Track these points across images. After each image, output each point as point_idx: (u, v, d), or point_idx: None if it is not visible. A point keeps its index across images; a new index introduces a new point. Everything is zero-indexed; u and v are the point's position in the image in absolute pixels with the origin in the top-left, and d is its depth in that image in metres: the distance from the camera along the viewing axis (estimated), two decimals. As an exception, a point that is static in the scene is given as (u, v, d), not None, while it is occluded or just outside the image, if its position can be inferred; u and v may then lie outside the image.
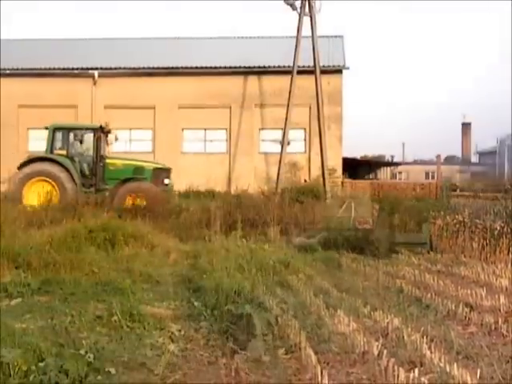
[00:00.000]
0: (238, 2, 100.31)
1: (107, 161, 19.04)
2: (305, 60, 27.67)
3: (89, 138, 19.07)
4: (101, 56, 33.32)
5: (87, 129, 19.54)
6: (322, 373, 4.13)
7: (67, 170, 18.04)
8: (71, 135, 19.08)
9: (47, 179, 17.90)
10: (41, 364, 4.31)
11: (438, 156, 30.50)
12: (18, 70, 31.81)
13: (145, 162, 20.35)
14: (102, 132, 19.20)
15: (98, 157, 18.77)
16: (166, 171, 19.76)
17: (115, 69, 31.68)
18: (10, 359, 4.21)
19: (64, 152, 18.82)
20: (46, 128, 19.44)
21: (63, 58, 33.23)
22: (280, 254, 9.38)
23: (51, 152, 18.81)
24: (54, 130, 19.15)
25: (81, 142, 18.99)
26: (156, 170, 19.44)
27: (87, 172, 18.83)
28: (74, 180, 17.95)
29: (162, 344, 5.36)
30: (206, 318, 6.11)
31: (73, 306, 6.74)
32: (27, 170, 18.21)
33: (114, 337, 5.57)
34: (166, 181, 19.15)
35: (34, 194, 17.48)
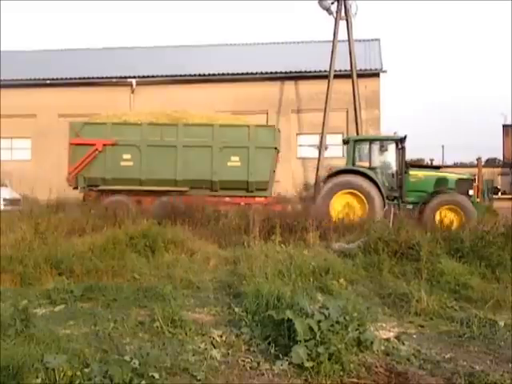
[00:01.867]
0: (271, 7, 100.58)
1: (409, 172, 17.79)
2: (341, 64, 27.57)
3: (390, 149, 18.00)
4: (138, 64, 33.71)
5: (389, 140, 18.38)
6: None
7: (373, 182, 17.20)
8: (373, 147, 18.12)
9: (355, 191, 17.10)
10: (86, 370, 4.36)
11: (479, 159, 29.90)
12: (57, 79, 32.40)
13: (446, 172, 19.38)
14: (403, 142, 17.91)
15: (402, 168, 17.62)
16: (469, 181, 18.15)
17: (153, 77, 32.03)
18: (56, 365, 4.27)
19: (366, 164, 17.92)
20: (345, 141, 18.87)
21: (102, 67, 33.77)
22: (320, 259, 9.32)
23: (353, 164, 17.97)
24: (355, 141, 18.34)
25: (383, 154, 18.08)
26: (460, 180, 17.93)
27: (390, 184, 17.71)
28: (381, 193, 17.06)
29: (204, 350, 5.39)
30: (247, 324, 6.11)
31: (115, 312, 6.83)
32: (334, 181, 17.42)
33: (157, 342, 5.61)
34: (471, 192, 17.66)
35: (341, 206, 16.96)
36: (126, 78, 32.07)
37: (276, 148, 19.03)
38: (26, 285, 8.39)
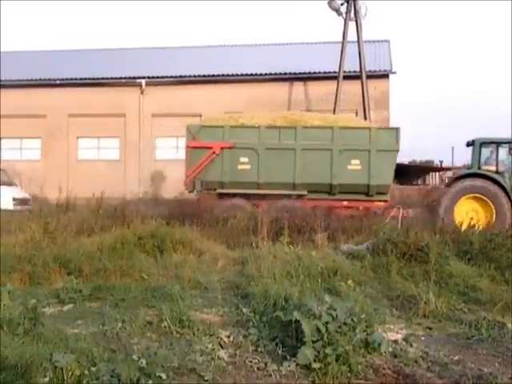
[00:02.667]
0: (280, 7, 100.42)
1: None
2: (351, 65, 27.53)
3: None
4: (148, 65, 33.78)
5: None
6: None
7: (501, 187, 16.49)
8: (501, 150, 17.32)
9: (481, 196, 16.47)
10: (93, 369, 4.37)
11: (488, 160, 29.78)
12: (67, 79, 32.52)
13: None
14: None
15: None
16: None
17: (162, 77, 32.08)
18: (64, 364, 4.28)
19: (493, 168, 17.10)
20: (469, 144, 17.90)
21: (111, 68, 33.88)
22: (328, 260, 9.31)
23: (479, 168, 17.19)
24: (481, 144, 17.45)
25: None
26: None
27: None
28: (509, 198, 16.36)
29: (212, 350, 5.39)
30: (255, 325, 6.11)
31: (123, 311, 6.85)
32: (459, 185, 16.85)
33: (164, 342, 5.63)
34: None
35: (464, 212, 16.40)
36: (135, 78, 32.13)
37: (398, 150, 18.42)
38: (35, 284, 8.43)
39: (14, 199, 21.73)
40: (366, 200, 18.19)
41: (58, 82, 32.41)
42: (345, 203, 17.95)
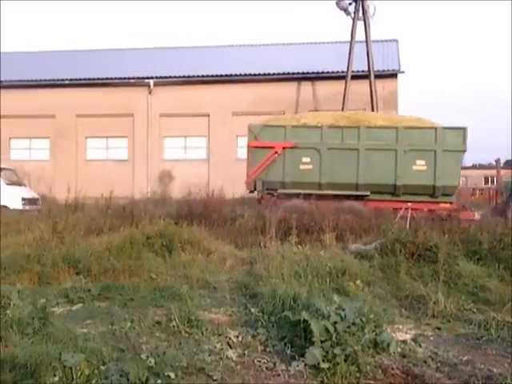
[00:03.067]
0: (287, 7, 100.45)
1: None
2: (359, 65, 27.51)
3: None
4: (156, 65, 33.87)
5: None
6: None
7: None
8: None
9: None
10: (102, 368, 4.39)
11: (498, 160, 29.58)
12: (75, 80, 32.64)
13: None
14: None
15: None
16: None
17: (170, 77, 32.16)
18: (73, 363, 4.30)
19: None
20: None
21: (119, 68, 33.99)
22: (336, 260, 9.29)
23: None
24: None
25: None
26: None
27: None
28: None
29: (220, 350, 5.39)
30: (263, 325, 6.11)
31: (132, 311, 6.86)
32: None
33: (173, 342, 5.63)
34: None
35: None
36: (143, 78, 32.23)
37: (465, 151, 18.16)
38: (44, 284, 8.46)
39: (23, 199, 21.82)
40: (431, 201, 17.88)
41: (66, 82, 32.54)
42: (409, 204, 17.30)
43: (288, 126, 18.56)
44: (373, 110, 26.93)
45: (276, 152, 18.25)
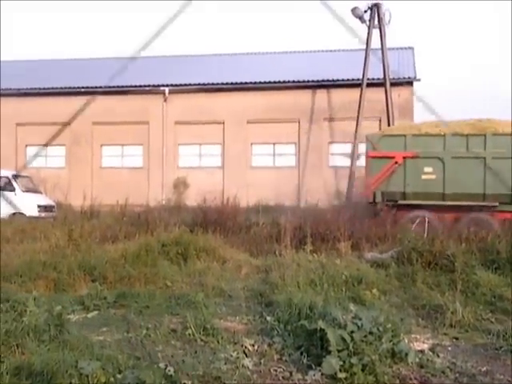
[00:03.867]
0: (302, 15, 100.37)
1: None
2: (374, 72, 27.41)
3: None
4: (171, 73, 33.97)
5: None
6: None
7: None
8: None
9: None
10: (119, 376, 4.38)
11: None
12: (91, 88, 32.80)
13: None
14: None
15: None
16: None
17: (185, 85, 32.22)
18: (90, 371, 4.30)
19: None
20: None
21: (135, 76, 34.10)
22: (352, 268, 9.25)
23: None
24: None
25: None
26: None
27: None
28: None
29: (236, 358, 5.37)
30: (279, 333, 6.07)
31: (148, 319, 6.86)
32: None
33: (189, 350, 5.62)
34: None
35: None
36: (158, 86, 32.31)
37: None
38: (60, 291, 8.49)
39: (38, 206, 21.96)
40: None
41: (82, 89, 32.72)
42: None
43: (408, 135, 18.02)
44: (388, 118, 26.82)
45: (396, 162, 17.68)
